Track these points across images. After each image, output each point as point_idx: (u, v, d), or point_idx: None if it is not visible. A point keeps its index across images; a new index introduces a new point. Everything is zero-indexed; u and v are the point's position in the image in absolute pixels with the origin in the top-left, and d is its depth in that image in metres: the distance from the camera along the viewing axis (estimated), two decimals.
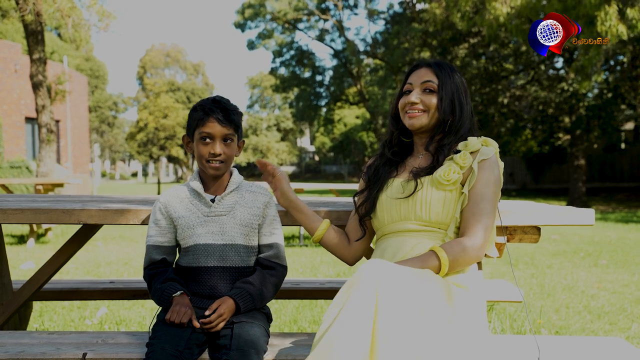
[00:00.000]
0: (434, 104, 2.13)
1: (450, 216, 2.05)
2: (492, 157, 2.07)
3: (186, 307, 2.01)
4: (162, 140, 49.83)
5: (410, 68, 2.25)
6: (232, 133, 2.16)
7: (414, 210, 2.07)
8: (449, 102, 2.13)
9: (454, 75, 2.17)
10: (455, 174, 2.04)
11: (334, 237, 2.29)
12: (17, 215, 2.33)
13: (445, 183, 2.03)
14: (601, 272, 6.34)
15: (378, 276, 1.72)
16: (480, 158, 2.06)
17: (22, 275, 5.90)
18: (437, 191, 2.05)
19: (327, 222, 2.29)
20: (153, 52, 58.33)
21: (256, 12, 31.26)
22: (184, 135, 2.26)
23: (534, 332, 2.79)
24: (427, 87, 2.15)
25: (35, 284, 2.68)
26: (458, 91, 2.15)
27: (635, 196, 21.11)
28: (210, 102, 2.17)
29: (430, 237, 2.06)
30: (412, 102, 2.15)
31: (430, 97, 2.14)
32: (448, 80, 2.15)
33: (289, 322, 4.12)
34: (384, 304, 1.68)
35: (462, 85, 2.18)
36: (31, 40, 10.84)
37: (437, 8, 17.96)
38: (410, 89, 2.19)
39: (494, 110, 21.74)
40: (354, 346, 1.63)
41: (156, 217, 2.20)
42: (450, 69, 2.18)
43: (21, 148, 19.94)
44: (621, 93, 18.89)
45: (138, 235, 9.73)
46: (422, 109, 2.14)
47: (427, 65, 2.20)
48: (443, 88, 2.14)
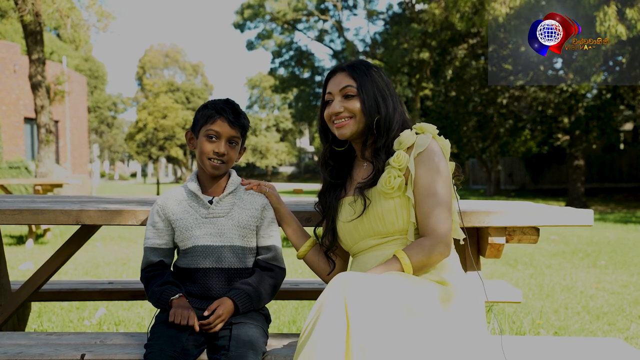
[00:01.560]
0: (358, 108, 2.07)
1: (406, 222, 2.01)
2: (428, 146, 2.00)
3: (188, 310, 2.01)
4: (161, 141, 49.81)
5: (327, 76, 2.20)
6: (238, 136, 2.18)
7: (370, 227, 2.04)
8: (372, 102, 2.07)
9: (370, 72, 2.11)
10: (397, 179, 1.99)
11: (316, 257, 2.27)
12: (16, 216, 2.33)
13: (390, 192, 1.99)
14: (600, 272, 6.35)
15: (345, 286, 1.72)
16: (416, 152, 2.00)
17: (20, 275, 5.90)
18: (386, 201, 2.01)
19: (312, 240, 2.28)
20: (152, 52, 58.33)
21: (255, 13, 31.27)
22: (187, 130, 2.26)
23: (499, 332, 2.79)
24: (346, 92, 2.09)
25: (33, 285, 2.68)
26: (378, 88, 2.10)
27: (634, 197, 21.12)
28: (223, 102, 2.19)
29: (395, 245, 2.03)
30: (337, 112, 2.10)
31: (353, 102, 2.08)
32: (365, 79, 2.09)
33: (287, 322, 4.12)
34: (353, 311, 1.68)
35: (382, 79, 2.12)
36: (30, 40, 10.84)
37: (437, 8, 17.98)
38: (331, 98, 2.14)
39: (493, 111, 21.76)
40: (331, 356, 1.64)
41: (154, 220, 2.20)
42: (366, 67, 2.13)
43: (20, 148, 19.94)
44: (620, 94, 18.90)
45: (137, 236, 9.72)
46: (347, 116, 2.09)
47: (342, 69, 2.14)
48: (363, 90, 2.08)
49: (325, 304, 1.72)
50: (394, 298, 1.75)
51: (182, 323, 1.96)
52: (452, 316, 1.86)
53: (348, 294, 1.71)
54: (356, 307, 1.69)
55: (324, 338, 1.67)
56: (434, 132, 2.06)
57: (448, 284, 1.95)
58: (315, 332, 1.69)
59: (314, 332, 1.69)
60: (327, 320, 1.68)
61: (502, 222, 2.27)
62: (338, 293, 1.72)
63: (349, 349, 1.67)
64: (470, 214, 2.26)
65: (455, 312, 1.88)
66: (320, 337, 1.67)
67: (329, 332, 1.67)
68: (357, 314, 1.68)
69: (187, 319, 1.97)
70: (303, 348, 1.70)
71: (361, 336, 1.66)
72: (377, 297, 1.72)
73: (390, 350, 1.66)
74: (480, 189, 28.22)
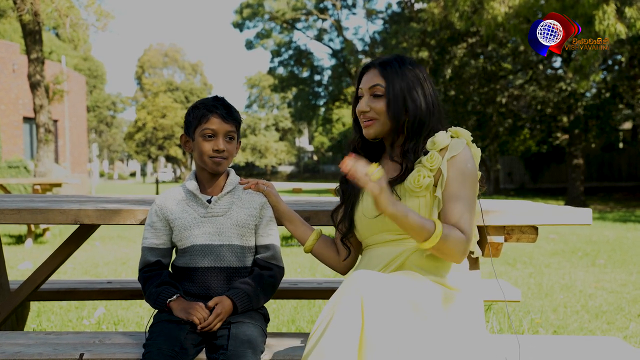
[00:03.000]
0: (383, 109, 2.02)
1: None
2: (462, 151, 1.97)
3: (192, 305, 2.02)
4: (160, 140, 49.83)
5: (361, 70, 2.15)
6: (234, 130, 2.18)
7: (391, 222, 1.99)
8: (400, 103, 2.01)
9: (403, 70, 2.04)
10: (426, 179, 1.96)
11: (324, 248, 2.26)
12: (14, 216, 2.32)
13: (417, 190, 1.97)
14: (599, 271, 6.35)
15: (362, 286, 1.72)
16: (450, 155, 1.97)
17: (19, 275, 5.90)
18: (411, 199, 1.99)
19: (317, 232, 2.26)
20: (151, 51, 58.34)
21: (254, 12, 31.27)
22: (181, 134, 2.26)
23: (510, 330, 2.79)
24: (374, 92, 2.04)
25: (32, 284, 2.68)
26: (409, 87, 2.02)
27: (633, 195, 21.14)
28: (212, 100, 2.19)
29: (410, 242, 2.01)
30: (362, 111, 2.06)
31: (379, 103, 2.03)
32: (396, 79, 2.02)
33: (287, 322, 4.11)
34: (369, 312, 1.68)
35: (415, 77, 2.04)
36: (29, 40, 10.83)
37: (436, 8, 17.97)
38: (362, 94, 2.10)
39: (492, 110, 21.76)
40: (344, 355, 1.64)
41: (152, 220, 2.20)
42: (399, 65, 2.05)
43: (19, 148, 19.93)
44: (619, 92, 18.92)
45: (136, 235, 9.72)
46: (372, 117, 2.05)
47: (374, 66, 2.08)
48: (391, 90, 2.01)
49: (340, 302, 1.71)
50: (404, 298, 1.75)
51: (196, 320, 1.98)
52: (453, 318, 1.87)
53: (365, 294, 1.70)
54: (372, 307, 1.68)
55: (338, 336, 1.66)
56: (468, 138, 2.03)
57: (452, 288, 1.96)
58: (329, 330, 1.68)
59: (328, 329, 1.69)
60: (343, 319, 1.68)
61: (501, 221, 2.27)
62: (355, 292, 1.71)
63: (362, 347, 1.67)
64: None
65: (456, 314, 1.89)
66: (335, 335, 1.67)
67: (343, 330, 1.67)
68: (373, 313, 1.68)
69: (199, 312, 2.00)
70: (316, 345, 1.70)
71: (375, 336, 1.66)
72: (391, 297, 1.72)
73: (402, 351, 1.67)
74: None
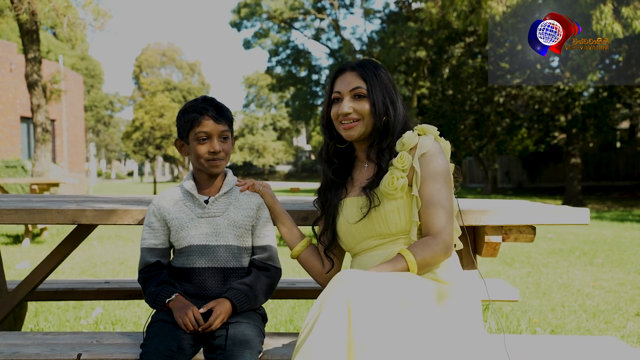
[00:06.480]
0: (367, 110, 2.05)
1: (408, 221, 2.01)
2: (431, 147, 2.00)
3: (189, 308, 2.01)
4: (158, 140, 49.71)
5: (334, 73, 2.16)
6: (227, 130, 2.17)
7: (373, 228, 2.04)
8: (381, 104, 2.05)
9: (379, 73, 2.09)
10: (400, 180, 1.98)
11: (310, 257, 2.25)
12: (12, 216, 2.32)
13: (393, 192, 1.99)
14: (597, 270, 6.36)
15: (349, 284, 1.72)
16: (420, 153, 2.00)
17: (17, 275, 5.89)
18: (389, 202, 2.00)
19: (307, 239, 2.27)
20: (149, 51, 58.24)
21: (252, 11, 31.23)
22: (176, 139, 2.25)
23: (500, 329, 2.80)
24: (357, 93, 2.07)
25: (30, 284, 2.67)
26: (387, 89, 2.08)
27: (630, 195, 21.17)
28: (201, 101, 2.18)
29: (398, 244, 2.03)
30: (345, 113, 2.06)
31: (362, 104, 2.06)
32: (376, 81, 2.07)
33: (284, 321, 4.12)
34: (356, 311, 1.68)
35: (389, 80, 2.10)
36: (26, 39, 10.80)
37: (433, 7, 17.97)
38: (339, 97, 2.10)
39: (489, 110, 21.77)
40: (331, 354, 1.64)
41: (150, 220, 2.20)
42: (375, 67, 2.10)
43: (16, 147, 19.89)
44: (617, 92, 18.94)
45: (134, 235, 9.71)
46: (356, 118, 2.06)
47: (352, 69, 2.10)
48: (373, 91, 2.05)
49: (327, 301, 1.72)
50: (394, 296, 1.75)
51: (192, 328, 1.98)
52: (447, 313, 1.87)
53: (351, 293, 1.70)
54: (359, 306, 1.68)
55: (325, 336, 1.66)
56: (435, 133, 2.06)
57: (444, 282, 1.96)
58: (316, 330, 1.68)
59: (314, 329, 1.69)
60: (329, 318, 1.68)
61: (499, 220, 2.27)
62: (341, 292, 1.71)
63: (350, 347, 1.66)
64: (467, 212, 2.26)
65: (450, 309, 1.89)
66: (321, 334, 1.67)
67: (330, 330, 1.67)
68: (360, 313, 1.68)
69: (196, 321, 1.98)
70: (303, 345, 1.70)
71: (363, 335, 1.66)
72: (379, 297, 1.72)
73: (390, 350, 1.67)
74: (477, 188, 28.26)
